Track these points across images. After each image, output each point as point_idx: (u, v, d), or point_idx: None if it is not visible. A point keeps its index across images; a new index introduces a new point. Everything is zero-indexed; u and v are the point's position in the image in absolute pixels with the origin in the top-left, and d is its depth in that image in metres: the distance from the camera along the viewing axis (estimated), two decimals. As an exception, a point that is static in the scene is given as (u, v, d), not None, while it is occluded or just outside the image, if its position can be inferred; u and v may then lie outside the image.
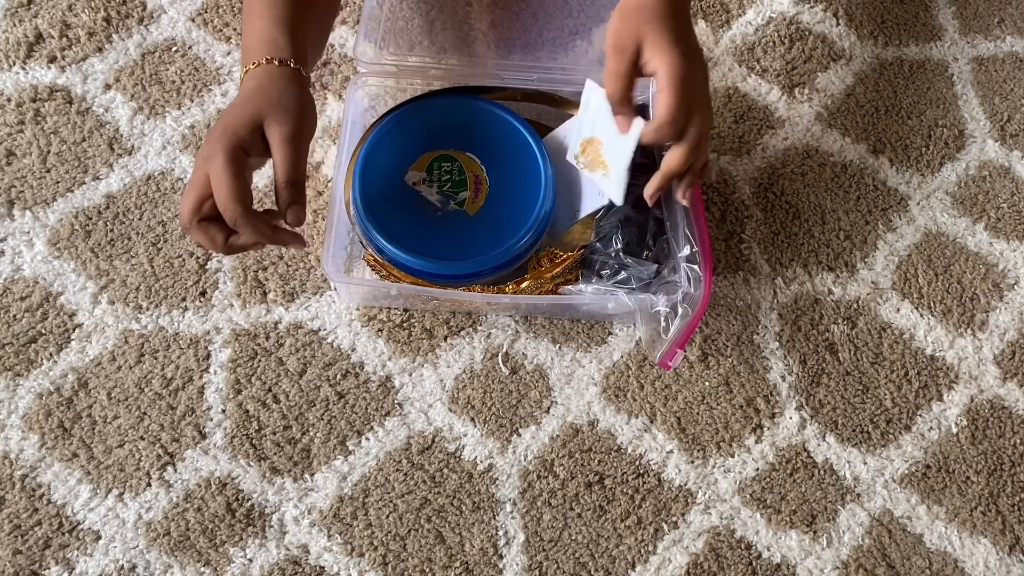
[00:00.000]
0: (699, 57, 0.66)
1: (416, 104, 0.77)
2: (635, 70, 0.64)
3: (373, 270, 0.74)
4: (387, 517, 0.69)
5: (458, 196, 0.73)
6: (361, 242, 0.75)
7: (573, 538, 0.69)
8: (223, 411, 0.71)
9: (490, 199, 0.73)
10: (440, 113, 0.77)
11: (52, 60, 0.85)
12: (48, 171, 0.80)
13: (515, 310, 0.76)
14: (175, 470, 0.69)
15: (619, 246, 0.72)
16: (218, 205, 0.59)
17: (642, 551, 0.69)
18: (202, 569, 0.66)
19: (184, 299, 0.75)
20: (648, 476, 0.71)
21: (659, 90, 0.63)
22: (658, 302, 0.70)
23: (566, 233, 0.76)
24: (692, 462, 0.72)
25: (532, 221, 0.72)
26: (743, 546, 0.70)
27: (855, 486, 0.72)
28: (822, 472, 0.72)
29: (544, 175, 0.74)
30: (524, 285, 0.72)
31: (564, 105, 0.82)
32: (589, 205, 0.74)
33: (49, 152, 0.81)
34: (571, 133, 0.77)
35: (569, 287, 0.72)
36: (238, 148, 0.59)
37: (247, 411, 0.71)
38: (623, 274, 0.71)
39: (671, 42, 0.63)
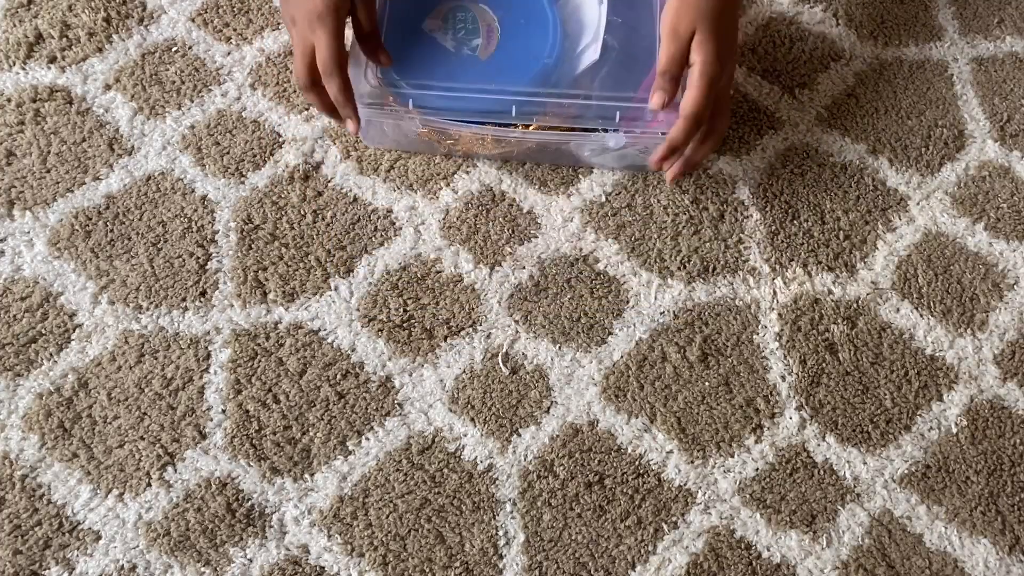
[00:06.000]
0: (732, 60, 0.72)
1: None
2: (687, 55, 0.70)
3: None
4: (387, 517, 0.69)
5: (471, 43, 0.77)
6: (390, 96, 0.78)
7: (573, 538, 0.69)
8: (223, 411, 0.71)
9: (501, 46, 0.78)
10: None
11: (52, 60, 0.85)
12: (48, 171, 0.80)
13: (519, 148, 0.79)
14: (175, 470, 0.69)
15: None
16: (321, 66, 0.69)
17: (642, 551, 0.69)
18: (202, 569, 0.66)
19: (184, 299, 0.75)
20: (648, 476, 0.71)
21: (689, 84, 0.69)
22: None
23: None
24: (692, 462, 0.72)
25: (543, 65, 0.76)
26: (743, 546, 0.70)
27: (855, 486, 0.72)
28: (822, 472, 0.72)
29: (553, 23, 0.78)
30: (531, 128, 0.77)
31: None
32: (587, 58, 0.77)
33: (49, 152, 0.81)
34: None
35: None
36: (342, 14, 0.69)
37: (247, 411, 0.72)
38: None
39: (716, 41, 0.69)
